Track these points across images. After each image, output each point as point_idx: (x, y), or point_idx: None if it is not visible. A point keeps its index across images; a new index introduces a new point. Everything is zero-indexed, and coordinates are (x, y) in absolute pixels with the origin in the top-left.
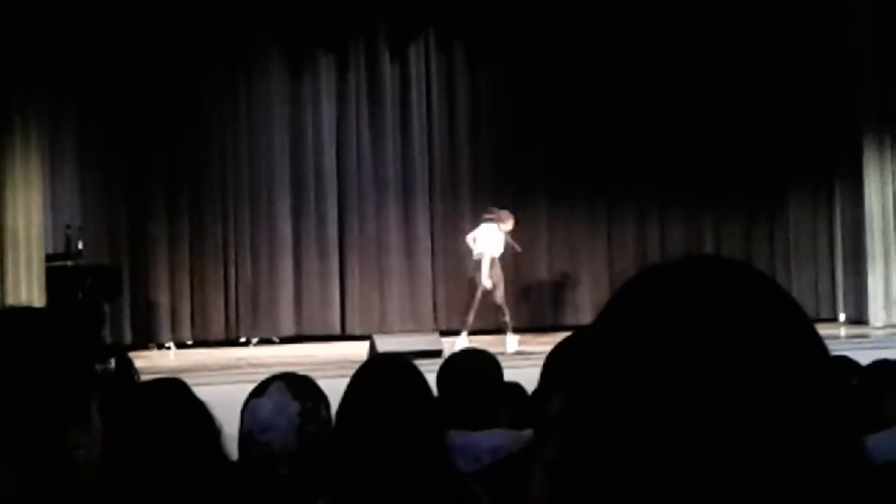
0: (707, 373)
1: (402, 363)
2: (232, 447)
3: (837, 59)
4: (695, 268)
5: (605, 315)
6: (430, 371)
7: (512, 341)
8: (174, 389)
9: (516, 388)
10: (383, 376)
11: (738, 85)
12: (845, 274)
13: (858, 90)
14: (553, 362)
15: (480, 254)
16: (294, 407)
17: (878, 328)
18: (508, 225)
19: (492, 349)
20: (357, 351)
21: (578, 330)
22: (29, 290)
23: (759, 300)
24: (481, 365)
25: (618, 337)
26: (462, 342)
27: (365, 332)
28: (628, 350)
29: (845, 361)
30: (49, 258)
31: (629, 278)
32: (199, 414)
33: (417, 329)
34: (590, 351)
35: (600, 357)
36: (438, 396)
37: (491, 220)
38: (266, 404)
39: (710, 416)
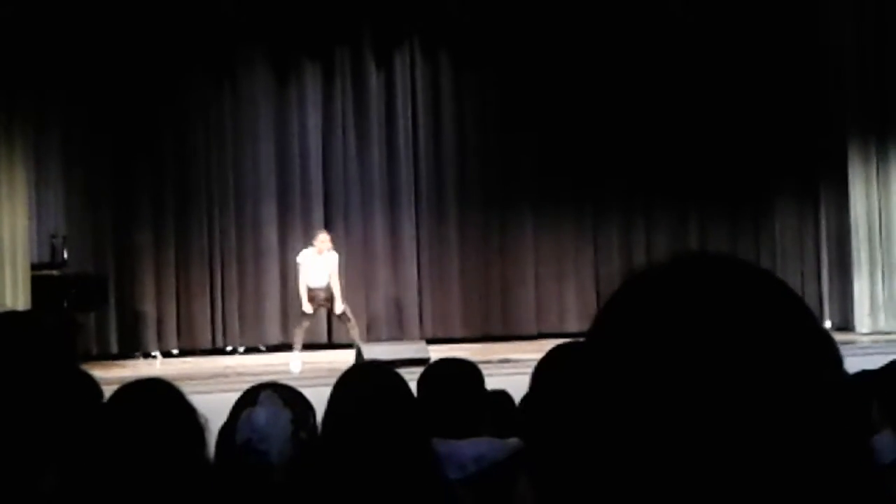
0: (706, 377)
1: (383, 370)
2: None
3: (821, 65)
4: (685, 268)
5: (599, 323)
6: (413, 380)
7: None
8: (157, 389)
9: (503, 395)
10: (365, 384)
11: (722, 92)
12: (831, 280)
13: (842, 97)
14: (543, 371)
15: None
16: (287, 415)
17: (865, 334)
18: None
19: (473, 358)
20: (344, 359)
21: (569, 339)
22: (14, 299)
23: (753, 294)
24: (461, 373)
25: (613, 345)
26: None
27: (347, 341)
28: (623, 359)
29: None
30: (34, 267)
31: (621, 283)
32: (184, 413)
33: (404, 337)
34: (584, 361)
35: (595, 368)
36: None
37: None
38: (261, 413)
39: (711, 423)
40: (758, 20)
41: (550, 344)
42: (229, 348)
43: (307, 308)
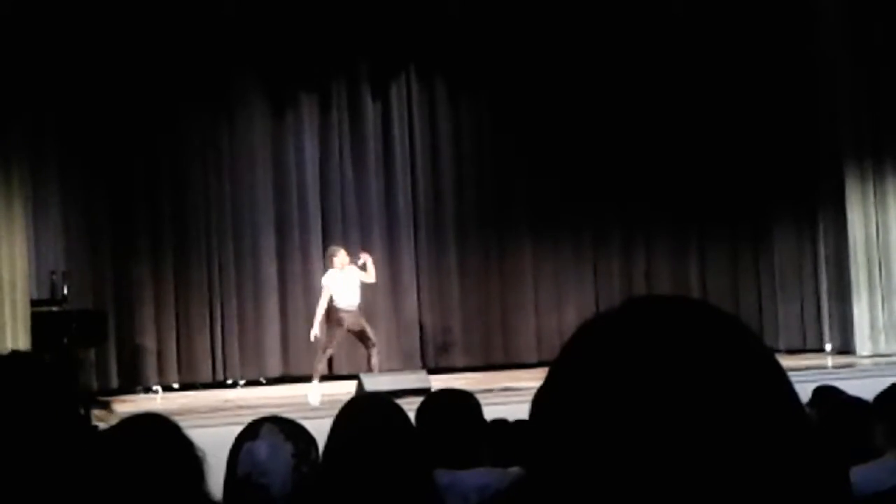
0: (656, 419)
1: (384, 402)
2: (215, 488)
3: (816, 88)
4: (638, 312)
5: (554, 370)
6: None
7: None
8: (153, 424)
9: (503, 424)
10: (365, 416)
11: (720, 117)
12: (831, 304)
13: (837, 120)
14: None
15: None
16: (288, 448)
17: (865, 357)
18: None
19: (475, 387)
20: (345, 390)
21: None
22: (14, 336)
23: (705, 333)
24: (458, 404)
25: (566, 389)
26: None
27: (352, 372)
28: (576, 403)
29: (833, 391)
30: (34, 304)
31: (574, 332)
32: (181, 447)
33: (405, 367)
34: (539, 408)
35: (549, 413)
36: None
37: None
38: (262, 447)
39: (664, 459)
40: (753, 45)
41: None
42: (230, 381)
43: (317, 331)
